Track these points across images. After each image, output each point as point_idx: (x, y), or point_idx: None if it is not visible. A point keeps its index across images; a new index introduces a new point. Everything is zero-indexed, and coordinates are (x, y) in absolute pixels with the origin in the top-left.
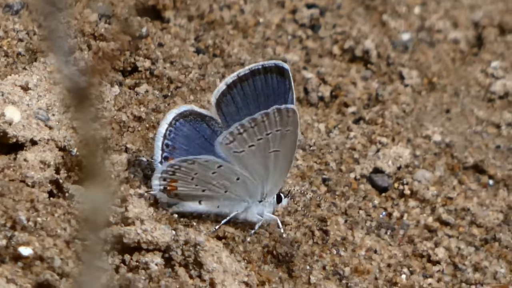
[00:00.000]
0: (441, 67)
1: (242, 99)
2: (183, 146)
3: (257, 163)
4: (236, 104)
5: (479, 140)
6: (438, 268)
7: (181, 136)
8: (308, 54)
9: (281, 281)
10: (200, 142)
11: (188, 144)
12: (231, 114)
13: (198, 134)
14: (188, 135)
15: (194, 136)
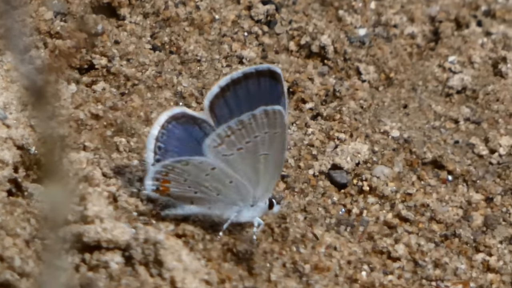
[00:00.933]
0: (398, 62)
1: (235, 102)
2: (175, 148)
3: (247, 166)
4: (229, 107)
5: (438, 135)
6: (398, 265)
7: (173, 139)
8: (264, 51)
9: (241, 279)
10: (193, 145)
11: (180, 147)
12: (224, 117)
13: (191, 137)
14: (180, 137)
15: (186, 139)
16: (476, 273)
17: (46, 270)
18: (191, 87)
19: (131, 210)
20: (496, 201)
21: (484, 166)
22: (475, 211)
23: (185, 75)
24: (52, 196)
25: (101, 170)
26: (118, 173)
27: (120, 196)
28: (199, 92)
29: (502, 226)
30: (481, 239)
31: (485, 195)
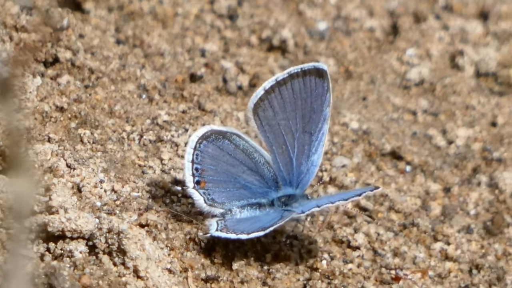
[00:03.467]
0: (357, 55)
1: (279, 103)
2: (211, 167)
3: None
4: (273, 109)
5: (396, 127)
6: (358, 254)
7: (207, 158)
8: (226, 44)
9: (204, 268)
10: (226, 159)
11: (216, 164)
12: (268, 118)
13: (222, 152)
14: (213, 155)
15: (219, 154)
16: (435, 262)
17: (11, 259)
18: (154, 80)
19: (95, 200)
20: (454, 191)
21: (442, 157)
22: (433, 201)
23: (148, 68)
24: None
25: (66, 161)
26: (82, 164)
27: (84, 187)
28: (162, 85)
29: (460, 215)
30: (439, 228)
31: (443, 185)
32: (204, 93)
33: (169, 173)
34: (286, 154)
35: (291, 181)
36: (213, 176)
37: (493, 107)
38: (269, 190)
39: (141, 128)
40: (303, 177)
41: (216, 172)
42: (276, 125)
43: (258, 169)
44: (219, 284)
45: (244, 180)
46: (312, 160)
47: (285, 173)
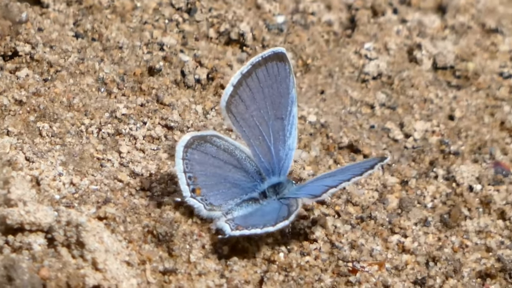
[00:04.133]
0: (315, 49)
1: (248, 95)
2: (201, 172)
3: None
4: (244, 102)
5: (354, 120)
6: (315, 246)
7: (196, 164)
8: (184, 38)
9: (162, 260)
10: (212, 162)
11: (204, 169)
12: (241, 113)
13: (207, 156)
14: (200, 160)
15: (205, 159)
16: (392, 254)
17: None
18: (113, 73)
19: (54, 193)
20: (411, 184)
21: (399, 150)
22: (390, 194)
23: (107, 62)
24: None
25: (24, 154)
26: (41, 157)
27: (43, 180)
28: (121, 78)
29: (417, 208)
30: (396, 221)
31: (400, 178)
32: (163, 86)
33: (127, 166)
34: (264, 144)
35: (274, 170)
36: (205, 181)
37: (450, 100)
38: (256, 183)
39: (99, 121)
40: (283, 163)
41: (207, 177)
42: (249, 117)
43: (241, 165)
44: (177, 277)
45: (232, 178)
46: (288, 144)
47: (266, 163)
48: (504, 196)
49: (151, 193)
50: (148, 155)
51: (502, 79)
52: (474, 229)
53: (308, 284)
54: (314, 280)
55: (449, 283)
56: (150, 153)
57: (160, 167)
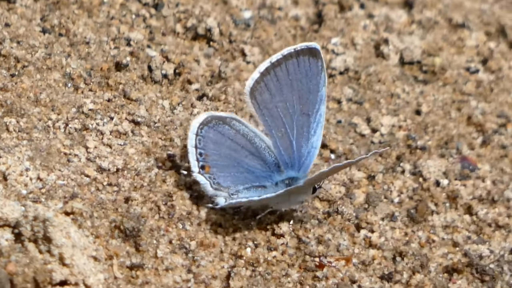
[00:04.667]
0: (282, 44)
1: (275, 85)
2: (214, 151)
3: None
4: (269, 91)
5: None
6: (282, 241)
7: (210, 143)
8: (152, 33)
9: (129, 255)
10: (228, 144)
11: (218, 149)
12: (265, 101)
13: (224, 137)
14: (215, 140)
15: (221, 139)
16: (359, 249)
17: None
18: (80, 69)
19: (21, 188)
20: (378, 179)
21: (366, 145)
22: (357, 189)
23: (74, 57)
24: None
25: None
26: (8, 152)
27: (10, 175)
28: (88, 73)
29: (384, 203)
30: (363, 216)
31: (367, 173)
32: (130, 82)
33: (94, 161)
34: (286, 137)
35: (293, 164)
36: (217, 161)
37: (417, 95)
38: (272, 174)
39: (66, 116)
40: (304, 160)
41: (220, 157)
42: (273, 108)
43: (259, 153)
44: (144, 272)
45: (247, 164)
46: (311, 142)
47: (286, 157)
48: (471, 191)
49: (118, 188)
50: (115, 150)
51: (469, 74)
52: (441, 224)
53: (275, 279)
54: (281, 275)
55: (416, 278)
56: (117, 148)
57: (127, 162)
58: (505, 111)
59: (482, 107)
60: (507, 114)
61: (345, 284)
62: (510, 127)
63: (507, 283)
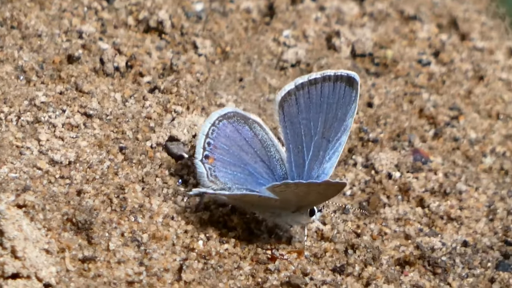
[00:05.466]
0: (234, 37)
1: (305, 102)
2: (224, 146)
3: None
4: (298, 106)
5: (272, 107)
6: (234, 234)
7: (223, 137)
8: (103, 25)
9: (81, 248)
10: (242, 144)
11: (230, 145)
12: (291, 115)
13: (240, 136)
14: (230, 136)
15: (236, 137)
16: (311, 242)
17: None
18: (32, 61)
19: None
20: None
21: None
22: None
23: (26, 50)
24: None
25: None
26: None
27: None
28: (40, 66)
29: (336, 196)
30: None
31: None
32: (82, 74)
33: (46, 154)
34: (301, 155)
35: None
36: (223, 155)
37: (369, 87)
38: None
39: (18, 109)
40: None
41: (228, 153)
42: (297, 123)
43: (271, 163)
44: (96, 264)
45: (254, 169)
46: (324, 168)
47: (295, 174)
48: (423, 183)
49: (70, 181)
50: (67, 143)
51: (420, 66)
52: (393, 216)
53: (227, 272)
54: (233, 268)
55: (368, 271)
56: (69, 141)
57: (79, 155)
58: (457, 103)
59: (434, 99)
60: (459, 107)
61: (297, 277)
62: (462, 119)
63: (459, 275)
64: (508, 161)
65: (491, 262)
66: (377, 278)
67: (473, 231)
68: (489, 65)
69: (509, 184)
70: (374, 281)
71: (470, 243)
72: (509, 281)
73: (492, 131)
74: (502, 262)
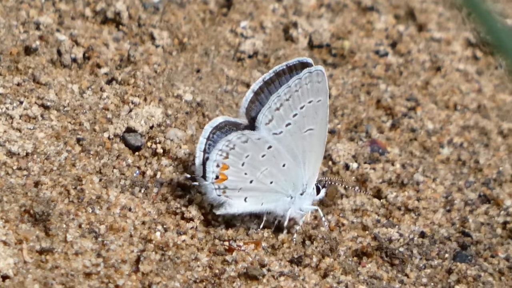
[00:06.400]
0: (191, 28)
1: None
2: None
3: (295, 146)
4: None
5: (230, 99)
6: (191, 225)
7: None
8: (61, 17)
9: (39, 240)
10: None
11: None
12: None
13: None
14: None
15: None
16: (268, 233)
17: None
18: None
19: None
20: None
21: None
22: None
23: None
24: None
25: None
26: None
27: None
28: None
29: None
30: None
31: None
32: (39, 66)
33: (4, 145)
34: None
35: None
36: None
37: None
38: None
39: None
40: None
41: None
42: None
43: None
44: (54, 256)
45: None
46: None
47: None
48: (380, 174)
49: (27, 172)
50: (25, 134)
51: (378, 57)
52: (350, 207)
53: (184, 263)
54: (190, 259)
55: (326, 262)
56: (26, 132)
57: (36, 146)
58: (414, 94)
59: (391, 90)
60: (417, 97)
61: (255, 268)
62: (419, 110)
63: (416, 266)
64: (465, 151)
65: (449, 253)
66: (335, 269)
67: (430, 222)
68: (446, 56)
69: (467, 175)
70: (331, 272)
71: (427, 234)
72: (467, 272)
73: (449, 122)
74: (460, 253)
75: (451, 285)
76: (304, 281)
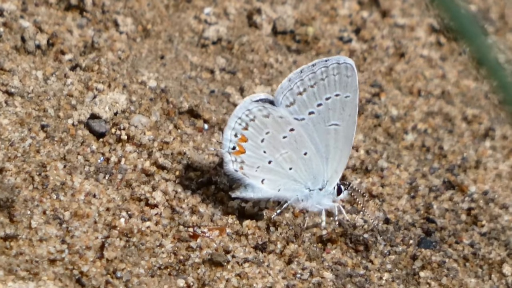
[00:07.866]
0: (155, 14)
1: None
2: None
3: (318, 137)
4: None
5: (194, 85)
6: (156, 212)
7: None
8: (24, 3)
9: (3, 226)
10: None
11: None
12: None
13: None
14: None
15: None
16: (232, 219)
17: None
18: None
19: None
20: None
21: None
22: None
23: None
24: None
25: None
26: None
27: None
28: None
29: None
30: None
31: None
32: (3, 52)
33: None
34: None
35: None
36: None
37: (290, 65)
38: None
39: None
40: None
41: None
42: None
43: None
44: (18, 242)
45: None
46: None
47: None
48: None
49: None
50: None
51: (342, 43)
52: None
53: (149, 250)
54: (155, 246)
55: (290, 248)
56: None
57: (0, 132)
58: (378, 80)
59: None
60: (380, 84)
61: (219, 255)
62: (383, 96)
63: (381, 252)
64: (429, 138)
65: (413, 240)
66: (299, 256)
67: (394, 208)
68: (410, 42)
69: (431, 161)
70: (296, 259)
71: (392, 220)
72: (431, 258)
73: (413, 108)
74: (424, 239)
75: (416, 271)
76: (269, 267)
